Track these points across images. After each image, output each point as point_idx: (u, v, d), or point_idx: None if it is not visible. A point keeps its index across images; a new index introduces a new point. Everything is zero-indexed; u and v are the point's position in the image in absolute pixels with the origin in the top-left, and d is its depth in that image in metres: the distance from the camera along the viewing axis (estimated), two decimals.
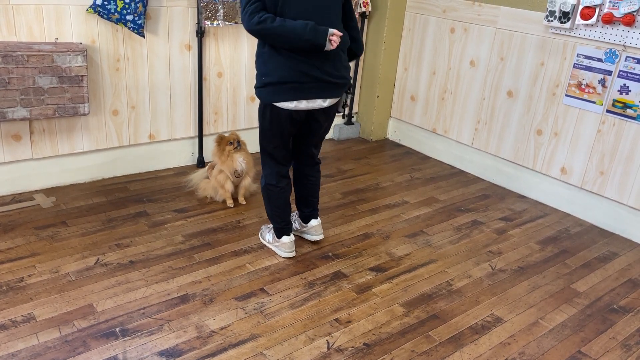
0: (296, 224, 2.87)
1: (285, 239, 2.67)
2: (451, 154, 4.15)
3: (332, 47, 2.25)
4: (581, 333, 2.35)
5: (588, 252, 3.04)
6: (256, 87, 2.40)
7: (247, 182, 3.21)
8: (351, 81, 2.62)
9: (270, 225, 2.79)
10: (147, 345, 2.05)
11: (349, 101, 2.54)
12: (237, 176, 3.14)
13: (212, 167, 3.22)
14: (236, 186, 3.21)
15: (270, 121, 2.42)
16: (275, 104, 2.34)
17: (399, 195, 3.54)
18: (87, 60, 3.01)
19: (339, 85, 2.40)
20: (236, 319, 2.24)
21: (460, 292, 2.55)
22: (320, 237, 2.84)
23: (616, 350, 2.26)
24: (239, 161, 3.10)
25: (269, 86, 2.32)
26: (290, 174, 2.67)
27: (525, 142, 3.63)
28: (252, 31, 2.23)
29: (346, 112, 2.56)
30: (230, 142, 3.10)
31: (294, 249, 2.71)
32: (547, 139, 3.50)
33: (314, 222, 2.81)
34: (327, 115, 2.50)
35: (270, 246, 2.76)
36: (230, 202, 3.18)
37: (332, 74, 2.35)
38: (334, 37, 2.24)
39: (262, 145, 2.54)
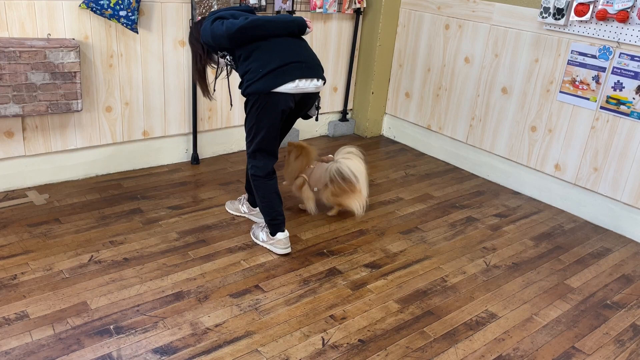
0: (244, 207, 3.00)
1: (279, 235, 2.67)
2: (446, 151, 4.15)
3: (310, 30, 2.55)
4: (575, 329, 2.36)
5: (582, 248, 3.05)
6: (250, 84, 2.42)
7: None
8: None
9: (263, 224, 2.78)
10: (141, 342, 2.04)
11: (319, 102, 2.73)
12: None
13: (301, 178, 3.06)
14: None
15: (265, 112, 2.45)
16: (275, 89, 2.39)
17: (393, 192, 3.54)
18: (80, 56, 2.99)
19: (322, 70, 2.58)
20: (231, 316, 2.23)
21: (454, 289, 2.56)
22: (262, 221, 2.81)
23: (610, 346, 2.27)
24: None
25: (269, 74, 2.39)
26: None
27: (519, 138, 3.64)
28: (243, 27, 2.36)
29: (317, 114, 2.78)
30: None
31: (289, 244, 2.70)
32: (541, 135, 3.51)
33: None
34: (312, 100, 2.63)
35: (265, 245, 2.74)
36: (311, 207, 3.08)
37: (316, 57, 2.57)
38: (309, 22, 2.54)
39: (255, 140, 2.54)
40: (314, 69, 2.50)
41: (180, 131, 3.63)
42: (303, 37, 2.61)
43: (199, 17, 3.29)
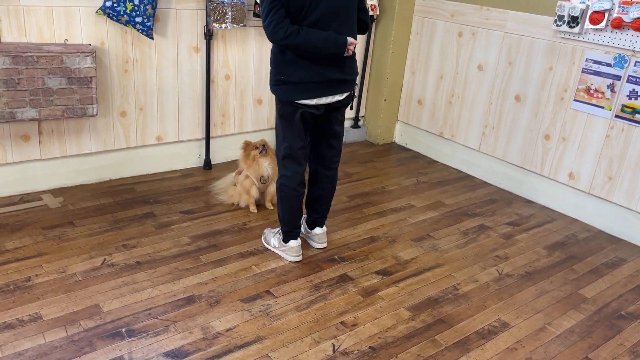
0: (301, 227, 2.86)
1: (292, 243, 2.67)
2: (458, 158, 4.14)
3: (348, 55, 2.43)
4: (589, 339, 2.33)
5: (596, 257, 3.02)
6: (272, 84, 2.45)
7: (273, 188, 3.17)
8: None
9: (275, 230, 2.79)
10: (152, 345, 2.05)
11: (356, 92, 2.66)
12: (263, 182, 3.12)
13: (239, 173, 3.19)
14: (262, 192, 3.19)
15: (289, 116, 2.44)
16: (296, 101, 2.39)
17: (405, 199, 3.53)
18: (96, 61, 3.02)
19: (353, 80, 2.54)
20: (242, 320, 2.24)
21: (466, 297, 2.54)
22: (323, 245, 2.84)
23: (624, 357, 2.24)
24: (265, 166, 3.08)
25: (288, 84, 2.38)
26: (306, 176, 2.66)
27: (532, 146, 3.61)
28: (280, 44, 2.30)
29: (352, 101, 2.71)
30: (256, 147, 3.09)
31: (301, 252, 2.70)
32: (555, 143, 3.48)
33: (318, 230, 2.81)
34: (343, 105, 2.57)
35: (276, 251, 2.75)
36: (253, 208, 3.16)
37: (347, 72, 2.48)
38: (351, 46, 2.41)
39: (282, 146, 2.53)
40: (338, 86, 2.45)
41: (193, 136, 3.65)
42: None
43: None
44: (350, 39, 2.39)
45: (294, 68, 2.37)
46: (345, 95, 2.50)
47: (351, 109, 2.79)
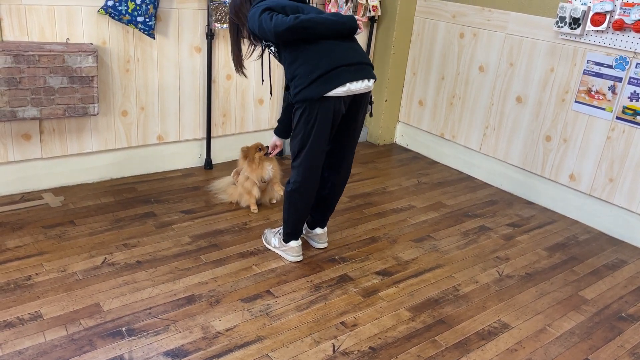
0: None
1: (293, 243, 2.67)
2: (459, 159, 4.14)
3: (360, 31, 2.45)
4: (589, 340, 2.33)
5: (596, 259, 3.01)
6: (300, 91, 2.31)
7: (276, 185, 3.21)
8: None
9: (276, 230, 2.79)
10: (152, 345, 2.05)
11: (372, 97, 2.63)
12: (264, 182, 3.14)
13: (238, 173, 3.20)
14: (263, 191, 3.20)
15: (316, 120, 2.34)
16: (327, 94, 2.29)
17: (406, 200, 3.54)
18: (98, 61, 3.03)
19: (372, 67, 2.50)
20: (242, 320, 2.24)
21: (467, 298, 2.54)
22: (323, 245, 2.84)
23: (624, 359, 2.24)
24: (268, 169, 3.10)
25: (318, 79, 2.28)
26: None
27: (534, 148, 3.61)
28: (292, 27, 2.23)
29: (371, 109, 2.71)
30: (259, 149, 3.07)
31: (302, 252, 2.70)
32: (556, 145, 3.48)
33: (319, 230, 2.81)
34: (365, 101, 2.51)
35: (277, 251, 2.75)
36: (254, 208, 3.17)
37: (365, 57, 2.46)
38: (360, 22, 2.45)
39: (300, 154, 2.44)
40: (364, 70, 2.40)
41: (194, 136, 3.66)
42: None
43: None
44: (356, 16, 2.42)
45: (317, 59, 2.29)
46: (372, 81, 2.44)
47: (371, 115, 2.80)
